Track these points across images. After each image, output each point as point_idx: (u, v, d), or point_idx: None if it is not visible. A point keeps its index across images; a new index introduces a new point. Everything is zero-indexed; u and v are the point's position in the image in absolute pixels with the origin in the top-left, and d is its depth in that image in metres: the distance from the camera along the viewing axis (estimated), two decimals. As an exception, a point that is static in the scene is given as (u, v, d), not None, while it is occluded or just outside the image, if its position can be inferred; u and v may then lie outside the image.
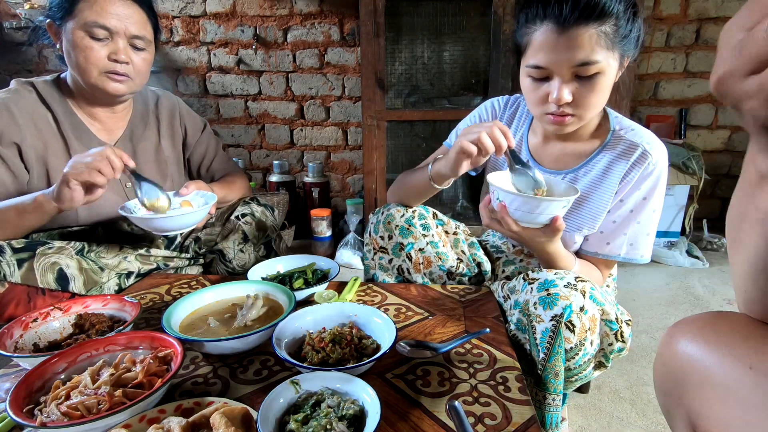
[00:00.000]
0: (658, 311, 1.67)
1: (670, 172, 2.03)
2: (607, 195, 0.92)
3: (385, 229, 1.03)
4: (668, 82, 2.32)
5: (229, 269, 1.18)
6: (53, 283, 0.95)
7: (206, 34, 2.41)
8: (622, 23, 0.78)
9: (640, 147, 0.89)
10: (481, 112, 1.09)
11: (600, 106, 0.85)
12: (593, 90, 0.81)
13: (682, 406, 0.48)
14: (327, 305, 0.81)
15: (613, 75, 0.82)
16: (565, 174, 0.96)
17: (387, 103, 2.06)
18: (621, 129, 0.93)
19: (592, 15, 0.75)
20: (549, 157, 0.99)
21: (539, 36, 0.80)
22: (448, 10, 2.02)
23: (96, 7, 0.95)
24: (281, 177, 2.42)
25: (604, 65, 0.78)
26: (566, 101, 0.81)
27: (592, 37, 0.76)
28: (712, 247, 2.21)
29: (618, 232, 0.93)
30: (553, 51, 0.79)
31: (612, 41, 0.78)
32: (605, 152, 0.92)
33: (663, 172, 0.89)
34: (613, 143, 0.92)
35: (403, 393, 0.66)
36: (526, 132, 1.04)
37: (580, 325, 0.74)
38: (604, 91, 0.82)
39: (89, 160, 0.86)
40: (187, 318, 0.81)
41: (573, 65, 0.78)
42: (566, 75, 0.80)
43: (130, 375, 0.62)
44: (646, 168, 0.88)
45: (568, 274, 0.80)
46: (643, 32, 0.84)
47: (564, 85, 0.81)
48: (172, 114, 1.23)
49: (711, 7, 2.18)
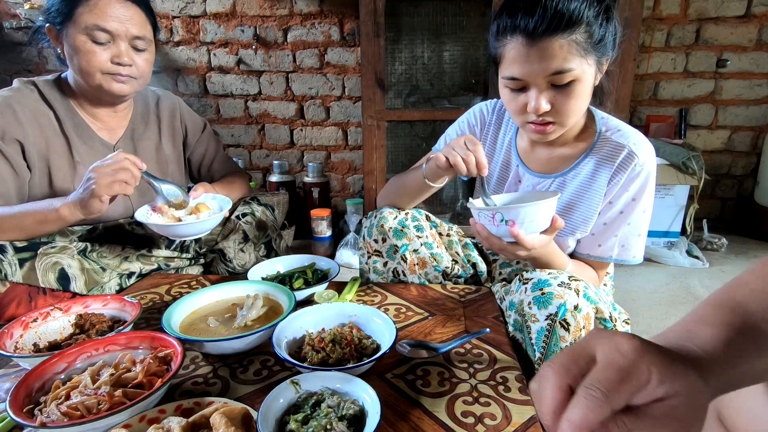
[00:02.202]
0: (658, 311, 1.67)
1: (671, 172, 2.03)
2: (597, 197, 0.92)
3: (378, 232, 1.02)
4: (668, 82, 2.32)
5: (230, 269, 1.18)
6: (54, 282, 0.95)
7: (206, 34, 2.41)
8: (595, 29, 0.77)
9: (626, 148, 0.88)
10: (470, 117, 1.09)
11: (580, 111, 0.85)
12: (570, 97, 0.80)
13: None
14: (327, 305, 0.81)
15: (591, 80, 0.82)
16: (554, 178, 0.96)
17: (387, 103, 2.06)
18: (608, 130, 0.92)
19: (561, 25, 0.75)
20: (537, 161, 0.99)
21: (511, 49, 0.80)
22: (448, 10, 2.02)
23: (96, 11, 0.94)
24: (281, 177, 2.42)
25: (578, 72, 0.78)
26: (544, 110, 0.81)
27: (563, 46, 0.76)
28: (712, 247, 2.21)
29: (608, 233, 0.93)
30: (526, 62, 0.79)
31: (585, 48, 0.77)
32: (592, 154, 0.92)
33: (651, 172, 0.89)
34: (600, 145, 0.92)
35: (403, 393, 0.66)
36: (514, 136, 1.03)
37: (575, 324, 0.74)
38: (583, 97, 0.82)
39: (112, 173, 0.88)
40: (187, 318, 0.81)
41: (547, 75, 0.78)
42: (542, 85, 0.80)
43: (130, 375, 0.62)
44: (633, 169, 0.88)
45: (561, 273, 0.80)
46: (620, 32, 0.84)
47: (541, 94, 0.81)
48: (173, 114, 1.24)
49: (711, 7, 2.18)
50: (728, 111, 2.34)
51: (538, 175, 0.98)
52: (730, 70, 2.26)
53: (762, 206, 2.30)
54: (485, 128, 1.07)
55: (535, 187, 0.98)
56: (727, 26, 2.20)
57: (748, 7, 2.16)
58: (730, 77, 2.28)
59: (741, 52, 2.23)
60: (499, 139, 1.06)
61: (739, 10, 2.17)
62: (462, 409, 0.62)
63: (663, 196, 2.13)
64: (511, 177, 1.03)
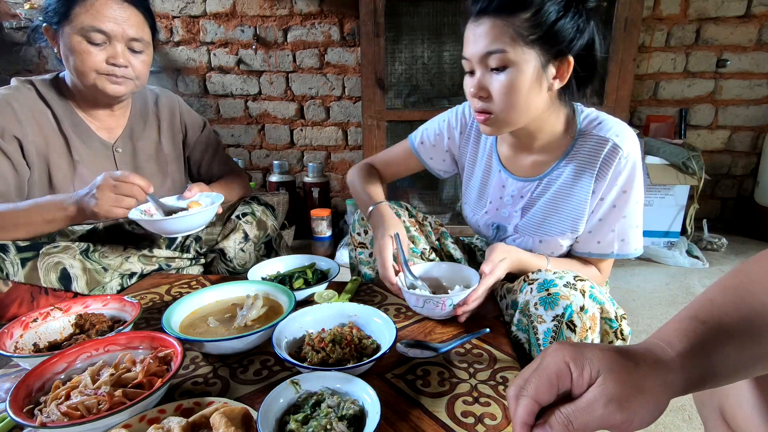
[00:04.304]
0: (658, 311, 1.67)
1: (671, 172, 2.03)
2: (583, 194, 0.90)
3: (360, 226, 1.08)
4: (668, 82, 2.32)
5: (230, 268, 1.18)
6: (56, 282, 0.95)
7: (206, 34, 2.41)
8: (545, 18, 0.76)
9: (609, 141, 0.86)
10: (451, 118, 1.08)
11: (520, 107, 0.81)
12: (504, 83, 0.79)
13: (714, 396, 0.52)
14: (327, 305, 0.81)
15: (531, 73, 0.79)
16: (538, 180, 0.95)
17: (387, 103, 2.06)
18: (588, 124, 0.90)
19: (501, 6, 0.76)
20: (519, 165, 0.98)
21: (466, 30, 0.83)
22: (448, 10, 2.02)
23: (93, 11, 0.94)
24: (281, 177, 2.42)
25: (512, 57, 0.77)
26: (473, 92, 0.83)
27: (498, 27, 0.77)
28: (712, 247, 2.21)
29: (605, 229, 0.92)
30: (469, 43, 0.81)
31: (524, 36, 0.76)
32: (575, 152, 0.91)
33: (637, 160, 0.87)
34: (582, 141, 0.90)
35: (403, 393, 0.66)
36: (494, 141, 1.02)
37: (581, 325, 0.74)
38: (520, 90, 0.79)
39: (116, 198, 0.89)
40: (187, 318, 0.81)
41: (480, 55, 0.79)
42: (479, 66, 0.81)
43: (130, 375, 0.62)
44: (618, 162, 0.86)
45: (567, 273, 0.80)
46: (596, 31, 0.81)
47: (476, 76, 0.82)
48: (172, 112, 1.23)
49: (711, 7, 2.18)
50: (728, 111, 2.34)
51: (520, 179, 0.97)
52: (730, 70, 2.27)
53: (762, 206, 2.30)
54: (465, 131, 1.06)
55: (520, 191, 0.97)
56: (727, 26, 2.20)
57: (748, 7, 2.16)
58: (730, 77, 2.28)
59: (741, 52, 2.23)
60: (481, 143, 1.05)
61: (739, 10, 2.17)
62: (462, 409, 0.62)
63: (663, 196, 2.13)
64: (494, 182, 1.02)
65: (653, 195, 2.14)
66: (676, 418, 1.14)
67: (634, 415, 0.37)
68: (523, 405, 0.40)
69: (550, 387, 0.40)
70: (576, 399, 0.39)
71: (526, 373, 0.42)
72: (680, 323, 0.42)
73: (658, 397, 0.38)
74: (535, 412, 0.40)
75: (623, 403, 0.37)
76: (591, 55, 0.82)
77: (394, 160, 1.17)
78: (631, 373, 0.38)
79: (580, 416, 0.37)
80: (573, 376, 0.39)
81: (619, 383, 0.37)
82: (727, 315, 0.41)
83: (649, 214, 2.16)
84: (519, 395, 0.41)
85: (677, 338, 0.41)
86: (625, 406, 0.37)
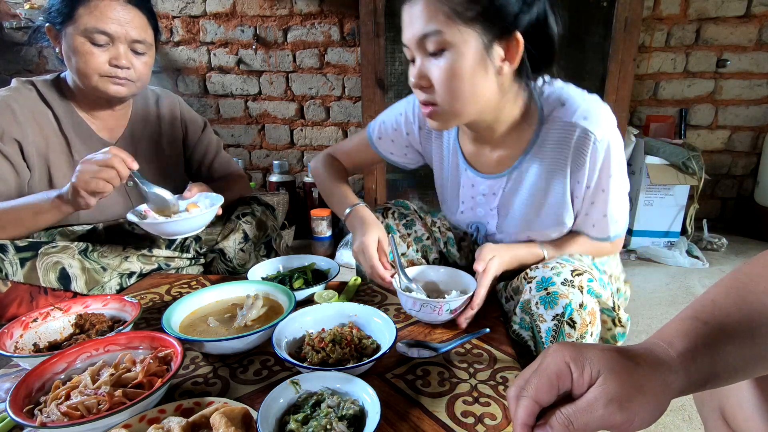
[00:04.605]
0: (658, 311, 1.67)
1: (671, 172, 2.04)
2: (561, 186, 0.85)
3: None
4: (668, 82, 2.32)
5: (230, 268, 1.18)
6: (55, 282, 0.95)
7: (206, 34, 2.41)
8: None
9: (577, 127, 0.78)
10: (408, 111, 1.01)
11: (464, 96, 0.74)
12: (443, 69, 0.72)
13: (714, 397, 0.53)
14: (327, 305, 0.81)
15: (473, 56, 0.71)
16: (506, 175, 0.90)
17: (387, 103, 2.05)
18: (551, 109, 0.83)
19: None
20: (484, 161, 0.93)
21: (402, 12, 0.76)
22: (448, 10, 2.02)
23: (96, 13, 0.94)
24: (281, 177, 2.42)
25: (450, 39, 0.70)
26: (414, 82, 0.77)
27: (431, 5, 0.70)
28: (712, 247, 2.21)
29: (597, 212, 0.87)
30: (405, 26, 0.75)
31: (460, 13, 0.69)
32: (541, 141, 0.84)
33: (612, 138, 0.79)
34: (547, 129, 0.83)
35: (403, 393, 0.66)
36: (455, 136, 0.96)
37: (581, 321, 0.75)
38: (462, 76, 0.72)
39: (96, 169, 0.86)
40: (187, 318, 0.81)
41: (417, 38, 0.73)
42: (418, 52, 0.75)
43: (130, 375, 0.62)
44: (594, 148, 0.79)
45: (563, 268, 0.77)
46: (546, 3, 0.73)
47: (418, 65, 0.76)
48: (173, 113, 1.23)
49: (711, 7, 2.18)
50: (728, 111, 2.34)
51: (488, 177, 0.92)
52: (730, 70, 2.26)
53: (762, 206, 2.30)
54: (425, 125, 0.99)
55: (491, 189, 0.93)
56: (727, 26, 2.20)
57: (748, 7, 2.16)
58: (730, 77, 2.28)
59: (741, 52, 2.23)
60: (444, 140, 0.99)
61: (739, 10, 2.17)
62: (462, 409, 0.62)
63: (663, 196, 2.13)
64: (464, 181, 0.97)
65: (653, 195, 2.14)
66: (676, 418, 1.14)
67: (635, 416, 0.37)
68: (523, 405, 0.40)
69: (550, 387, 0.40)
70: (576, 399, 0.39)
71: (527, 374, 0.42)
72: (681, 323, 0.42)
73: (659, 397, 0.38)
74: (535, 412, 0.40)
75: (624, 404, 0.37)
76: (545, 31, 0.74)
77: (355, 153, 1.13)
78: (632, 374, 0.38)
79: (580, 416, 0.38)
80: (573, 377, 0.39)
81: (620, 383, 0.37)
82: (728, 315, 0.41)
83: (649, 214, 2.16)
84: (519, 396, 0.41)
85: (678, 338, 0.41)
86: (626, 406, 0.37)
